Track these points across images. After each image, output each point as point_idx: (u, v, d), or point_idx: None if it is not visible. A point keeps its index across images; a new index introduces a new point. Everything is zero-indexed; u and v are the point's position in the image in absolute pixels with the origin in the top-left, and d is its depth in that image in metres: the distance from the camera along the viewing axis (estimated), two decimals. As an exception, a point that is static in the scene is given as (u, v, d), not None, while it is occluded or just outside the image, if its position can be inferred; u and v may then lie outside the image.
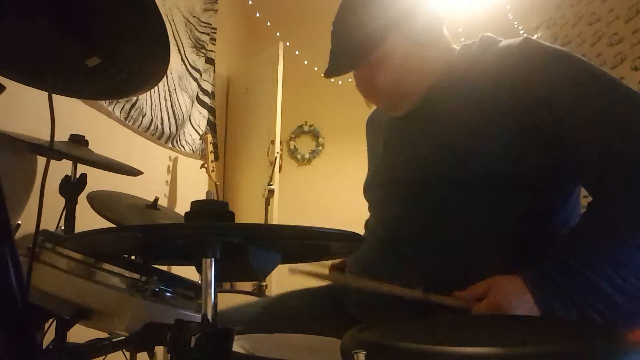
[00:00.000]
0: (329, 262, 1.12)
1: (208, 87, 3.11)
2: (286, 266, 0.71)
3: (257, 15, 3.90)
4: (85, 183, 1.21)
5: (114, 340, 0.65)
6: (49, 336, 1.06)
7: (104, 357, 0.67)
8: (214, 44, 3.13)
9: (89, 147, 1.27)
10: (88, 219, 1.17)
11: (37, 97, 0.94)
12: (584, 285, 0.70)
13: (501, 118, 0.82)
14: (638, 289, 0.69)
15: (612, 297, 0.69)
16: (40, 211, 0.65)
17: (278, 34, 3.74)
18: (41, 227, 0.68)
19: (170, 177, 2.65)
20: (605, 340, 0.48)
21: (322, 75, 0.96)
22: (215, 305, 0.55)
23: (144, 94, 2.14)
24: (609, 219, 0.74)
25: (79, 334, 0.92)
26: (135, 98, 2.04)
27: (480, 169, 0.82)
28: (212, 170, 2.86)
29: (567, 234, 0.83)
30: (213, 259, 0.55)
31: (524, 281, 0.73)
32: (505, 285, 0.74)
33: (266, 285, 2.45)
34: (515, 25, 3.54)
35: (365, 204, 1.08)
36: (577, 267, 0.71)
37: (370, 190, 1.06)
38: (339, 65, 0.94)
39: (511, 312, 0.71)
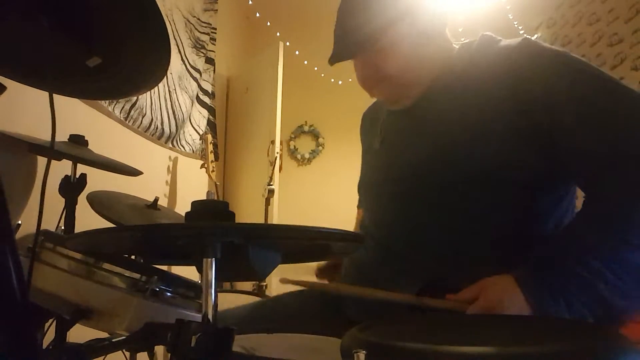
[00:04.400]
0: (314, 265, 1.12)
1: (208, 87, 3.11)
2: (286, 266, 0.70)
3: (257, 15, 3.90)
4: (85, 183, 1.21)
5: (114, 340, 0.65)
6: (49, 336, 1.06)
7: (104, 357, 0.67)
8: (214, 44, 3.13)
9: (89, 147, 1.27)
10: (88, 219, 1.17)
11: (37, 97, 0.94)
12: (575, 283, 0.70)
13: (499, 118, 0.82)
14: (629, 288, 0.69)
15: (603, 295, 0.69)
16: (41, 211, 0.65)
17: (278, 34, 3.74)
18: (41, 227, 0.68)
19: (170, 177, 2.65)
20: (605, 340, 0.48)
21: (328, 61, 0.95)
22: (215, 305, 0.55)
23: (144, 94, 2.14)
24: (605, 217, 0.74)
25: (79, 334, 0.92)
26: (135, 98, 2.04)
27: (476, 168, 0.82)
28: (212, 170, 2.86)
29: (561, 231, 0.83)
30: (213, 258, 0.55)
31: (515, 280, 0.73)
32: (497, 284, 0.75)
33: (266, 285, 2.45)
34: (515, 25, 3.54)
35: (365, 205, 1.07)
36: (569, 265, 0.71)
37: (363, 187, 1.06)
38: (344, 50, 0.94)
39: (503, 311, 0.71)
